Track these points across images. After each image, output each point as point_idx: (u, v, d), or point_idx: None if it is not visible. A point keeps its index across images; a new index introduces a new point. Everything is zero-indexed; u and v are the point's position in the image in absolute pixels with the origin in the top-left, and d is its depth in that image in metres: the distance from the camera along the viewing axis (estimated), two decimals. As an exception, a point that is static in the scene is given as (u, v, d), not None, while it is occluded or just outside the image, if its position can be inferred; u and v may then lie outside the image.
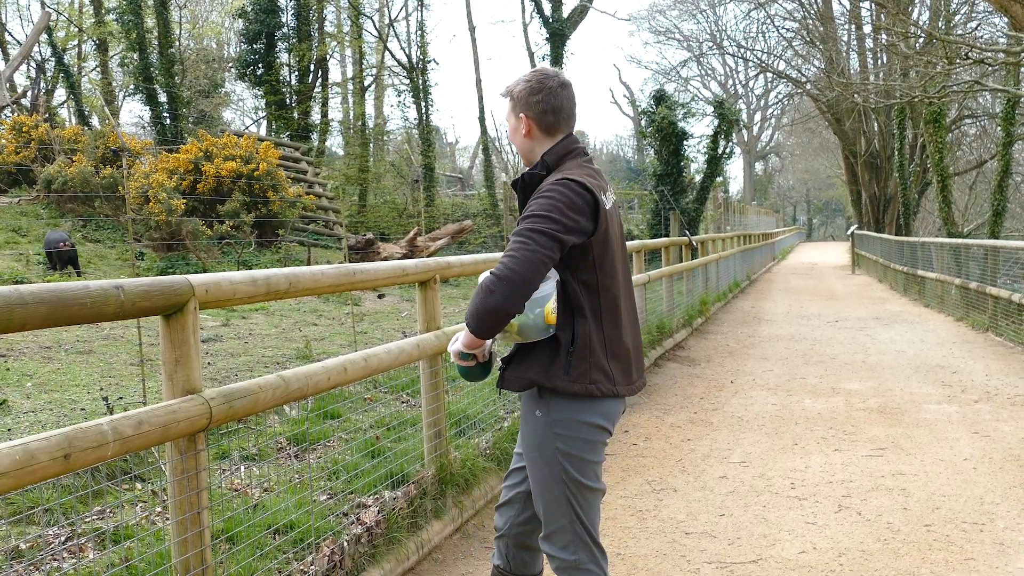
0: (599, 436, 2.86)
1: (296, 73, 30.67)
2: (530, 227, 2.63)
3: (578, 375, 2.78)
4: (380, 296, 14.66)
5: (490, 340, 2.83)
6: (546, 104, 2.86)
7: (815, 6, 30.85)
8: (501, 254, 2.71)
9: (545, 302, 2.72)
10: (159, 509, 4.22)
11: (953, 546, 4.53)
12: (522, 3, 33.98)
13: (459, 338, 2.82)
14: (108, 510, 4.25)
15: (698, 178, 23.76)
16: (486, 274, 2.70)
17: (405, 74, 32.22)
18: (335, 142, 39.47)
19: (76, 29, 33.95)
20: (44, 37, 29.18)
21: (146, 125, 30.46)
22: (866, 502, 5.26)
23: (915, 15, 26.16)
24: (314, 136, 31.07)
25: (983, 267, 13.99)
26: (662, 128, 22.27)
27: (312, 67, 31.03)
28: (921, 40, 21.38)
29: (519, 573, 3.11)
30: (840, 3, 33.53)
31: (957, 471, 5.88)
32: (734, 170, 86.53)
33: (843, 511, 5.11)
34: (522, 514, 3.06)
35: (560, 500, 2.84)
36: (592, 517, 2.89)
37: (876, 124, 32.42)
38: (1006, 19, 16.96)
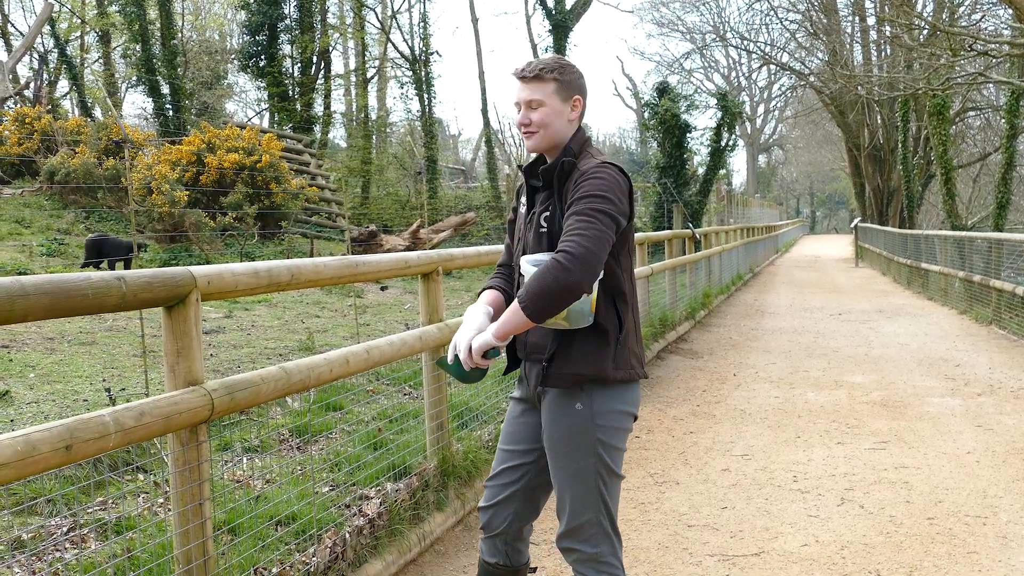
0: (630, 423, 2.87)
1: (299, 65, 30.64)
2: (591, 207, 2.60)
3: (623, 362, 2.79)
4: (383, 288, 14.67)
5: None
6: (585, 89, 2.89)
7: (819, -2, 30.77)
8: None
9: (595, 288, 2.70)
10: (161, 500, 4.22)
11: (956, 539, 4.53)
12: (525, -5, 33.88)
13: (492, 328, 2.70)
14: (110, 501, 4.26)
15: (701, 171, 23.76)
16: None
17: (408, 66, 32.20)
18: (338, 134, 39.47)
19: (79, 20, 33.92)
20: (47, 28, 29.13)
21: (149, 117, 30.47)
22: (869, 495, 5.25)
23: (919, 7, 26.09)
24: (317, 128, 31.05)
25: (987, 260, 13.97)
26: (665, 120, 22.25)
27: (315, 59, 30.99)
28: (925, 32, 21.34)
29: (516, 564, 3.10)
30: (844, -5, 33.41)
31: (960, 464, 5.87)
32: (737, 163, 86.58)
33: (845, 504, 5.10)
34: (521, 510, 3.02)
35: (592, 493, 2.80)
36: (616, 506, 2.87)
37: (880, 116, 32.36)
38: (1010, 11, 16.91)
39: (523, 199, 2.97)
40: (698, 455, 6.20)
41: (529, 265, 2.65)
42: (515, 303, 2.61)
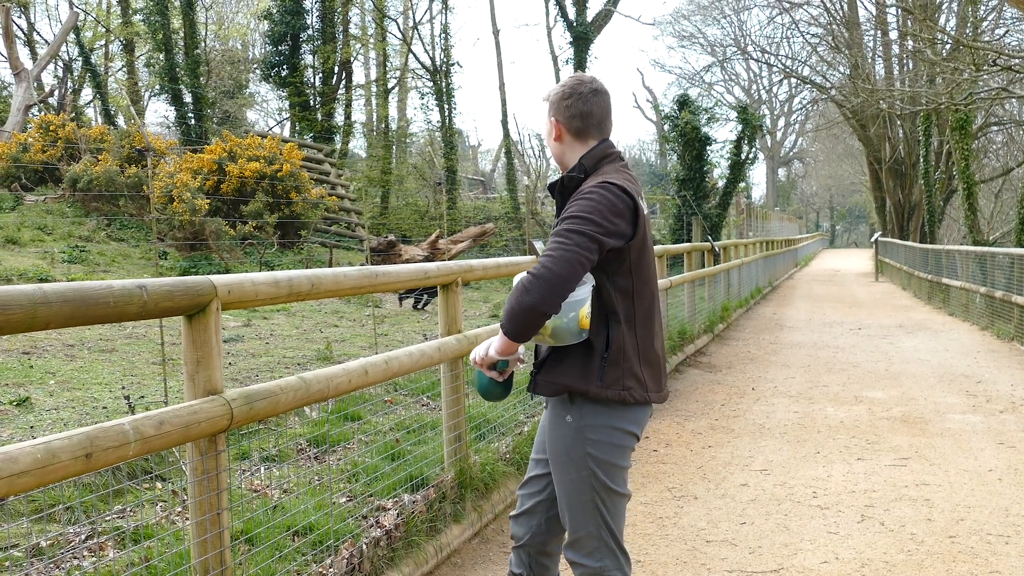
0: (629, 442, 2.86)
1: (320, 75, 30.79)
2: (569, 228, 2.62)
3: (611, 381, 2.78)
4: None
5: (522, 349, 2.82)
6: (574, 109, 2.88)
7: (840, 12, 30.68)
8: (523, 257, 2.69)
9: (580, 306, 2.70)
10: (179, 509, 4.22)
11: (978, 558, 4.48)
12: (546, 7, 33.92)
13: (492, 344, 2.80)
14: (128, 509, 4.27)
15: (721, 183, 23.68)
16: (522, 275, 2.69)
17: (428, 77, 32.29)
18: (358, 144, 39.59)
19: (103, 29, 34.24)
20: (72, 37, 29.41)
21: (171, 125, 30.66)
22: (889, 512, 5.21)
23: (942, 21, 25.98)
24: (337, 138, 31.17)
25: (1009, 275, 13.85)
26: (685, 133, 22.21)
27: (336, 69, 31.13)
28: (948, 47, 21.23)
29: None
30: (866, 9, 33.36)
31: (982, 482, 5.81)
32: (757, 176, 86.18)
33: (866, 521, 5.06)
34: (544, 523, 3.04)
35: (588, 506, 2.82)
36: (619, 523, 2.88)
37: (901, 130, 32.19)
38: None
39: None
40: (716, 470, 6.17)
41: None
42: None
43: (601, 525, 2.83)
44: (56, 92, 28.45)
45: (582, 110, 2.87)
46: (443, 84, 30.92)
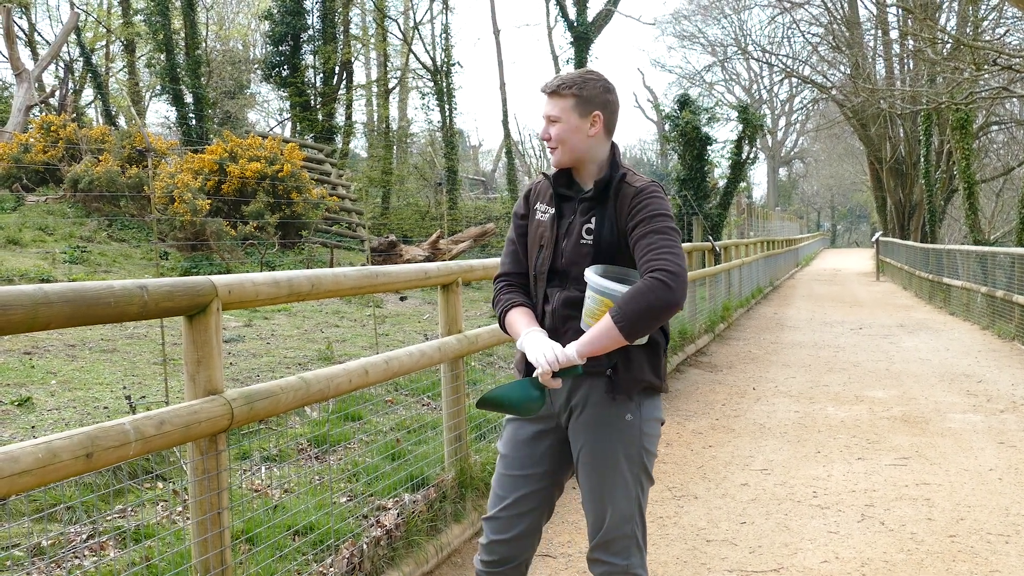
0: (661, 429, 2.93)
1: (321, 75, 30.76)
2: (667, 225, 2.68)
3: (664, 373, 2.87)
4: (402, 298, 14.68)
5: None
6: (615, 105, 2.88)
7: (841, 11, 30.67)
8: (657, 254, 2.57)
9: None
10: (180, 509, 4.23)
11: (978, 557, 4.48)
12: (546, 7, 33.88)
13: (570, 347, 2.66)
14: (129, 509, 4.27)
15: (722, 183, 23.63)
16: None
17: (429, 77, 32.28)
18: (359, 144, 39.53)
19: (104, 30, 34.23)
20: (73, 37, 29.41)
21: (172, 125, 30.63)
22: (889, 512, 5.21)
23: (942, 21, 25.97)
24: (338, 138, 31.13)
25: (1010, 275, 13.85)
26: (686, 133, 22.16)
27: (337, 69, 31.11)
28: (948, 46, 21.22)
29: None
30: (866, 8, 33.34)
31: (982, 481, 5.82)
32: (758, 175, 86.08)
33: (866, 520, 5.06)
34: (534, 539, 2.96)
35: (633, 504, 2.81)
36: (646, 513, 2.89)
37: (902, 130, 32.17)
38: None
39: (541, 205, 2.96)
40: (717, 469, 6.17)
41: (603, 279, 2.65)
42: (607, 322, 2.58)
43: (637, 522, 2.82)
44: (57, 93, 28.41)
45: (618, 107, 2.90)
46: (444, 84, 30.90)
